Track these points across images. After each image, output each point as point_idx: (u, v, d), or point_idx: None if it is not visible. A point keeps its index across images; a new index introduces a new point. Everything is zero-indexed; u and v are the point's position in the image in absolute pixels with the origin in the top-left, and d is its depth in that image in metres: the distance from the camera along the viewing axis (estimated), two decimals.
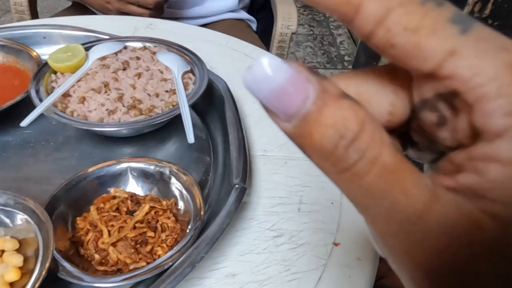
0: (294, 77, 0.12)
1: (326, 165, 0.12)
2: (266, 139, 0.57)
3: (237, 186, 0.44)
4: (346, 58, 2.37)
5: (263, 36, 1.17)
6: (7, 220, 0.40)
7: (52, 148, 0.53)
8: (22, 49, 0.60)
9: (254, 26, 1.13)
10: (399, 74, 0.14)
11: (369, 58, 1.09)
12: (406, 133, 0.15)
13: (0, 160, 0.50)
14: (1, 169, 0.49)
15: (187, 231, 0.42)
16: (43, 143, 0.53)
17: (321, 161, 0.12)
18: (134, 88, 0.52)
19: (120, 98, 0.50)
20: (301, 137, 0.12)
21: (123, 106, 0.50)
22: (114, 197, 0.45)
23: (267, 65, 0.12)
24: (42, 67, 0.55)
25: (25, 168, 0.50)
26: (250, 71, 0.12)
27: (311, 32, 2.60)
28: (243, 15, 1.08)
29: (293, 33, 1.08)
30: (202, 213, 0.42)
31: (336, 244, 0.45)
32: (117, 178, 0.47)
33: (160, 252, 0.40)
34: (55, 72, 0.55)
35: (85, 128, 0.47)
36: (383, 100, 0.14)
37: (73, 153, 0.52)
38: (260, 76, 0.12)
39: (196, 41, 0.78)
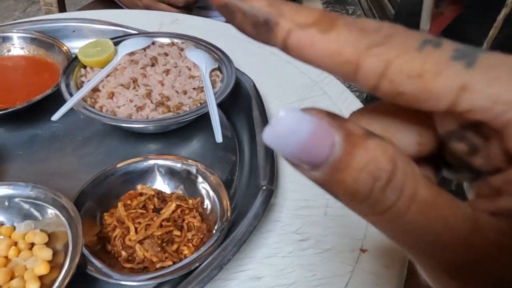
0: (317, 127, 0.12)
1: (362, 208, 0.12)
2: None
3: (264, 187, 0.43)
4: None
5: None
6: (37, 214, 0.41)
7: (80, 142, 0.53)
8: (52, 42, 0.61)
9: None
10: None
11: None
12: (439, 155, 0.15)
13: (28, 153, 0.51)
14: (29, 162, 0.50)
15: (214, 231, 0.41)
16: (71, 137, 0.54)
17: (356, 205, 0.12)
18: (162, 84, 0.52)
19: (149, 95, 0.50)
20: (333, 184, 0.12)
21: (152, 102, 0.50)
22: (141, 194, 0.45)
23: (289, 120, 0.12)
24: (72, 61, 0.55)
25: (52, 162, 0.50)
26: (271, 128, 0.12)
27: None
28: None
29: None
30: (229, 214, 0.41)
31: (363, 251, 0.44)
32: (144, 175, 0.47)
33: (186, 251, 0.40)
34: (84, 67, 0.55)
35: (114, 124, 0.47)
36: (410, 133, 0.14)
37: (99, 148, 0.52)
38: (283, 132, 0.12)
39: (222, 37, 0.77)
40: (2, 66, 0.60)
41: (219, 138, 0.46)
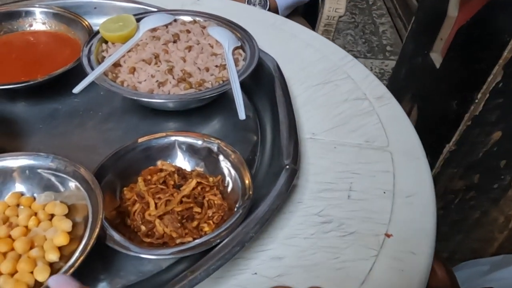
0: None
1: None
2: (313, 122, 0.55)
3: (287, 167, 0.42)
4: (388, 48, 2.29)
5: (306, 17, 1.13)
6: (58, 185, 0.40)
7: (100, 118, 0.52)
8: (74, 18, 0.60)
9: (302, 7, 1.09)
10: None
11: (417, 49, 1.04)
12: None
13: (49, 127, 0.51)
14: (50, 136, 0.50)
15: (235, 209, 0.40)
16: (91, 113, 0.53)
17: None
18: (185, 61, 0.51)
19: (170, 71, 0.49)
20: None
21: (173, 78, 0.49)
22: (161, 170, 0.44)
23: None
24: (93, 37, 0.55)
25: (72, 136, 0.50)
26: None
27: (353, 20, 2.52)
28: None
29: (340, 17, 1.04)
30: (251, 192, 0.40)
31: (388, 236, 0.42)
32: (164, 151, 0.46)
33: (206, 228, 0.39)
34: (106, 42, 0.55)
35: (135, 98, 0.46)
36: None
37: (119, 124, 0.52)
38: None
39: (243, 20, 0.75)
40: (25, 40, 0.59)
41: (242, 115, 0.44)
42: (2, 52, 0.57)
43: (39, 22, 0.61)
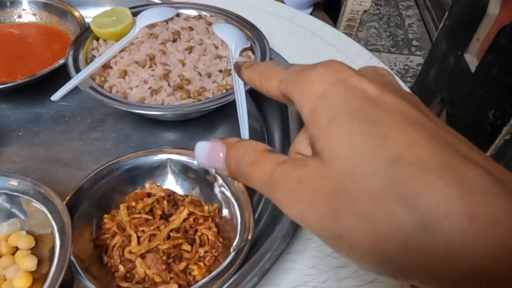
0: (211, 145, 0.22)
1: (239, 178, 0.21)
2: None
3: None
4: (414, 42, 2.17)
5: (327, 11, 1.04)
6: (24, 210, 0.35)
7: (87, 125, 0.46)
8: (66, 9, 0.54)
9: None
10: None
11: (450, 48, 0.94)
12: None
13: (30, 134, 0.45)
14: (30, 146, 0.44)
15: (231, 249, 0.34)
16: (79, 119, 0.47)
17: (237, 177, 0.21)
18: (183, 64, 0.44)
19: (166, 76, 0.43)
20: (229, 174, 0.22)
21: (169, 85, 0.42)
22: (148, 195, 0.38)
23: (198, 146, 0.23)
24: (84, 32, 0.48)
25: (55, 146, 0.44)
26: (195, 152, 0.23)
27: (377, 12, 2.40)
28: None
29: (365, 11, 0.95)
30: (250, 232, 0.33)
31: (413, 287, 0.35)
32: (154, 170, 0.39)
33: (196, 272, 0.33)
34: (97, 39, 0.48)
35: (123, 109, 0.39)
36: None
37: (108, 134, 0.46)
38: (197, 153, 0.23)
39: (257, 13, 0.68)
40: (11, 34, 0.53)
41: (245, 134, 0.38)
42: None
43: (29, 13, 0.55)
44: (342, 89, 0.17)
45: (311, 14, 0.92)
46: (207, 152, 0.22)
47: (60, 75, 0.45)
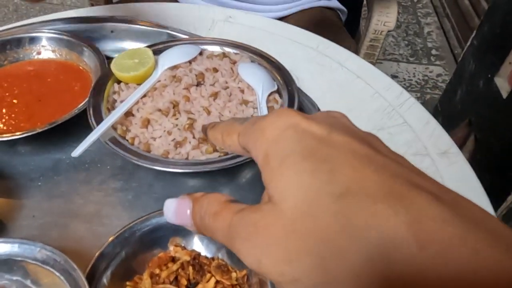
0: (179, 201, 0.21)
1: (206, 233, 0.20)
2: None
3: None
4: (434, 52, 2.12)
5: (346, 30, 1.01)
6: (44, 279, 0.33)
7: (108, 173, 0.44)
8: (86, 46, 0.52)
9: (344, 17, 0.98)
10: None
11: (478, 70, 0.90)
12: None
13: (50, 185, 0.43)
14: (50, 198, 0.42)
15: None
16: (99, 166, 0.45)
17: (204, 233, 0.20)
18: (208, 113, 0.42)
19: (191, 126, 0.40)
20: (197, 229, 0.21)
21: (193, 137, 0.40)
22: (173, 259, 0.36)
23: (167, 203, 0.22)
24: (104, 74, 0.46)
25: (76, 198, 0.42)
26: (164, 208, 0.22)
27: None
28: (335, 3, 0.92)
29: (389, 31, 0.92)
30: None
31: None
32: (178, 229, 0.37)
33: None
34: (118, 81, 0.46)
35: (146, 166, 0.37)
36: None
37: (130, 183, 0.44)
38: (166, 209, 0.22)
39: (280, 42, 0.66)
40: (30, 73, 0.52)
41: None
42: (4, 87, 0.50)
43: (48, 49, 0.54)
44: (292, 132, 0.18)
45: (339, 39, 0.86)
46: (174, 208, 0.21)
47: (81, 120, 0.44)
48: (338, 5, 0.92)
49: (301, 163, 0.17)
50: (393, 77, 1.86)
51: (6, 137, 0.42)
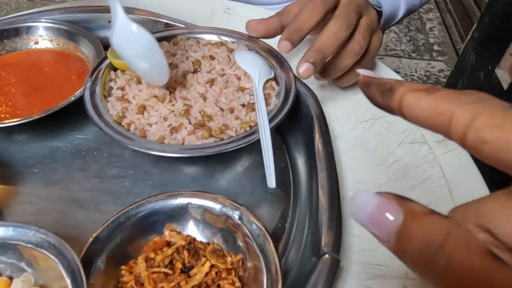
0: (381, 203, 0.15)
1: (420, 272, 0.14)
2: (360, 174, 0.45)
3: (327, 256, 0.33)
4: (436, 47, 2.11)
5: None
6: (38, 263, 0.33)
7: (105, 161, 0.44)
8: (83, 35, 0.52)
9: None
10: None
11: (479, 62, 0.89)
12: None
13: (47, 171, 0.43)
14: (47, 184, 0.42)
15: None
16: (95, 153, 0.45)
17: (415, 269, 0.14)
18: (205, 99, 0.42)
19: (187, 112, 0.40)
20: (399, 253, 0.15)
21: (189, 123, 0.40)
22: (168, 244, 0.36)
23: (360, 195, 0.16)
24: (101, 62, 0.46)
25: (72, 185, 0.42)
26: (351, 200, 0.16)
27: None
28: None
29: None
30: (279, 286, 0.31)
31: None
32: (174, 215, 0.37)
33: None
34: (115, 69, 0.46)
35: (142, 150, 0.37)
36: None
37: (126, 170, 0.44)
38: (355, 204, 0.16)
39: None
40: (28, 62, 0.52)
41: (271, 182, 0.35)
42: (2, 76, 0.50)
43: (45, 39, 0.54)
44: None
45: None
46: (370, 211, 0.15)
47: (77, 107, 0.44)
48: None
49: None
50: (395, 72, 1.85)
51: (3, 124, 0.42)
